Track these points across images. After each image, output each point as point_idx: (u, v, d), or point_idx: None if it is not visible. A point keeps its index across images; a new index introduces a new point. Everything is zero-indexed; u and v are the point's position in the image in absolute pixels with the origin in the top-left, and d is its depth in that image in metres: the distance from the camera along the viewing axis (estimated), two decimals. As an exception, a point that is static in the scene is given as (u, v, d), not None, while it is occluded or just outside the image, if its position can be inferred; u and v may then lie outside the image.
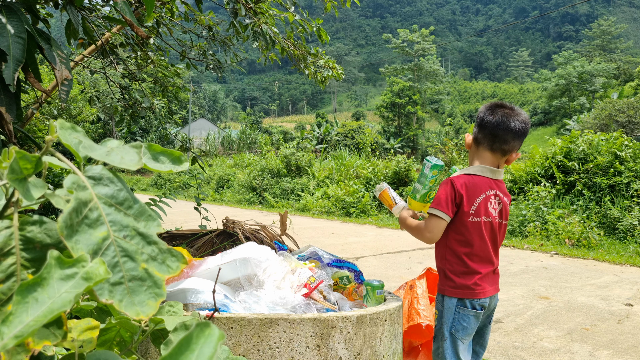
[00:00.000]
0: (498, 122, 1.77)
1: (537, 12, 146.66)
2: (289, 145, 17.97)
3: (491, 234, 1.82)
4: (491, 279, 1.86)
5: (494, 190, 1.81)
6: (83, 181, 0.48)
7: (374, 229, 9.27)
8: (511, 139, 1.77)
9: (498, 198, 1.83)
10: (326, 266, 2.06)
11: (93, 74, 4.10)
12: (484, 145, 1.82)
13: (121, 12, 1.62)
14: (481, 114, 1.84)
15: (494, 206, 1.81)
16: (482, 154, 1.83)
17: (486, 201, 1.79)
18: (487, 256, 1.81)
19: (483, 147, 1.82)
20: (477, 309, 1.80)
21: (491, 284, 1.85)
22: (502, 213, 1.86)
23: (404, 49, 48.54)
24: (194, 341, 0.40)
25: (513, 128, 1.76)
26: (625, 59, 64.93)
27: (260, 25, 2.88)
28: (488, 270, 1.82)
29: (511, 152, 1.81)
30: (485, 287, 1.81)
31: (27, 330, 0.38)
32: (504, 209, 1.85)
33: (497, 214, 1.82)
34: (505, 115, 1.78)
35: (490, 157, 1.82)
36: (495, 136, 1.78)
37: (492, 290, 1.85)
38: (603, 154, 8.37)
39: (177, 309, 0.83)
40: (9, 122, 1.42)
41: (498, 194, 1.82)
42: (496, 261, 1.87)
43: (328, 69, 3.61)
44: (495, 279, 1.89)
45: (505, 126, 1.76)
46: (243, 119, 57.12)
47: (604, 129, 20.75)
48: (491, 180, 1.82)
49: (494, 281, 1.88)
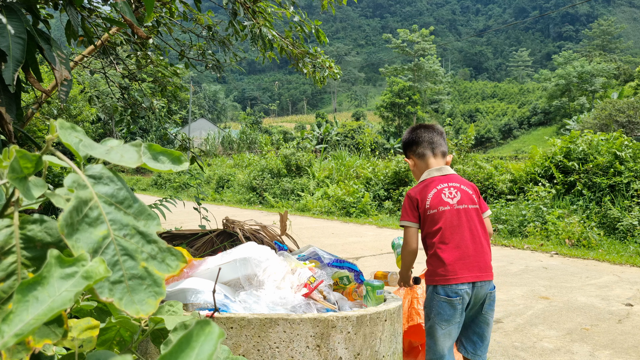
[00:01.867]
0: (430, 133, 2.15)
1: (537, 12, 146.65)
2: (289, 145, 17.97)
3: (457, 220, 1.96)
4: (469, 264, 1.92)
5: (445, 183, 2.03)
6: (83, 180, 0.48)
7: (374, 229, 9.27)
8: (443, 141, 2.16)
9: (453, 188, 2.03)
10: (326, 266, 2.07)
11: (93, 74, 4.10)
12: (427, 155, 2.13)
13: (121, 12, 1.62)
14: (412, 135, 2.19)
15: (449, 196, 2.00)
16: (428, 162, 2.12)
17: (439, 194, 2.01)
18: (457, 243, 1.94)
19: (427, 157, 2.13)
20: (450, 296, 1.90)
21: (469, 270, 1.92)
22: (465, 199, 2.01)
23: (404, 49, 48.56)
24: (194, 339, 0.40)
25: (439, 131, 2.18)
26: (625, 59, 64.99)
27: (259, 27, 2.88)
28: (457, 255, 1.93)
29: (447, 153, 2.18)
30: (458, 273, 1.91)
31: (27, 328, 0.39)
32: (464, 195, 2.02)
33: (457, 201, 1.99)
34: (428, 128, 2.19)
35: (434, 162, 2.12)
36: (432, 143, 2.13)
37: (471, 276, 1.91)
38: (603, 154, 8.37)
39: (177, 309, 0.83)
40: (9, 122, 1.42)
41: (451, 185, 2.03)
42: (473, 246, 1.95)
43: (325, 68, 3.61)
44: (476, 264, 1.93)
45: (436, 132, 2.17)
46: (243, 119, 57.11)
47: (604, 129, 20.75)
48: (439, 176, 2.06)
49: (474, 267, 1.93)
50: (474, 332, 2.02)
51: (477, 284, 1.92)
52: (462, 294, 1.90)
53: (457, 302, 1.91)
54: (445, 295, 1.91)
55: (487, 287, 1.96)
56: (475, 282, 1.92)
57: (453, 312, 1.92)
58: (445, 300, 1.91)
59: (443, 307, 1.92)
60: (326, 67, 3.62)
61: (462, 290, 1.90)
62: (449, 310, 1.92)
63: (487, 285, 1.96)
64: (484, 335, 2.01)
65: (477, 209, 2.03)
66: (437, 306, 1.94)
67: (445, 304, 1.91)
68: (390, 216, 11.09)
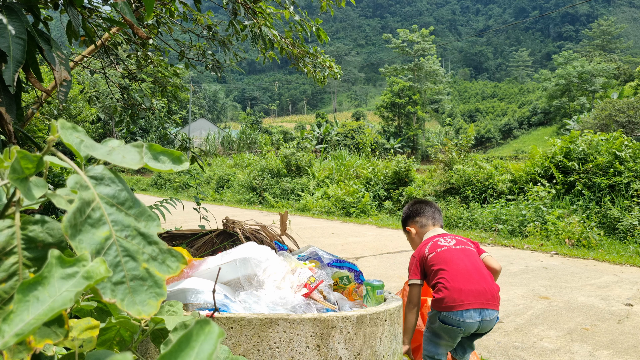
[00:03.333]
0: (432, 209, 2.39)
1: (537, 12, 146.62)
2: (289, 145, 17.96)
3: (457, 256, 2.08)
4: (474, 292, 1.98)
5: (441, 237, 2.22)
6: (85, 181, 0.48)
7: (374, 229, 9.27)
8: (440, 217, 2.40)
9: (449, 237, 2.21)
10: (326, 266, 2.07)
11: (93, 74, 4.10)
12: (428, 225, 2.34)
13: (121, 12, 1.62)
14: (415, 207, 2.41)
15: (443, 243, 2.16)
16: (427, 230, 2.32)
17: (436, 242, 2.17)
18: (460, 276, 2.01)
19: (428, 226, 2.33)
20: (453, 324, 1.96)
21: (475, 297, 1.97)
22: (461, 243, 2.17)
23: (404, 49, 48.54)
24: (194, 338, 0.40)
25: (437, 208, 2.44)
26: (625, 59, 64.99)
27: (259, 27, 2.88)
28: (462, 283, 1.99)
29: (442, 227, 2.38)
30: (464, 301, 1.96)
31: (28, 328, 0.39)
32: (460, 241, 2.18)
33: (453, 244, 2.15)
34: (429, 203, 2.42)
35: (432, 228, 2.33)
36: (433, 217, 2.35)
37: (476, 303, 1.95)
38: (603, 154, 8.37)
39: (177, 309, 0.83)
40: (9, 122, 1.42)
41: (446, 236, 2.23)
42: (477, 277, 2.01)
43: (325, 68, 3.60)
44: (482, 293, 1.98)
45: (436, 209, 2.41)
46: (243, 119, 57.12)
47: (604, 129, 20.76)
48: (436, 235, 2.25)
49: (480, 295, 1.98)
50: (469, 344, 2.13)
51: (485, 313, 1.96)
52: (464, 325, 1.95)
53: (458, 332, 1.98)
54: (449, 324, 1.98)
55: (495, 319, 2.01)
56: (482, 311, 1.96)
57: (453, 340, 2.02)
58: (447, 330, 1.99)
59: (446, 332, 2.01)
60: (327, 66, 3.62)
61: (467, 319, 1.94)
62: (448, 338, 2.02)
63: (494, 314, 2.00)
64: (473, 345, 2.15)
65: (474, 251, 2.16)
66: (439, 330, 2.03)
67: (448, 331, 2.00)
68: (390, 216, 11.09)
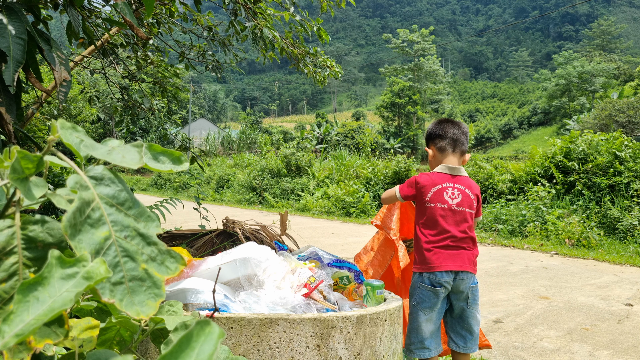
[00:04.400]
0: (456, 130, 2.22)
1: (537, 12, 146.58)
2: (289, 145, 17.97)
3: (451, 218, 2.10)
4: (453, 257, 2.06)
5: (452, 183, 2.14)
6: (85, 181, 0.48)
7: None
8: (465, 140, 2.25)
9: (457, 190, 2.14)
10: (326, 266, 2.07)
11: (93, 74, 4.10)
12: (447, 151, 2.21)
13: (121, 12, 1.62)
14: (438, 128, 2.26)
15: (450, 195, 2.12)
16: (447, 157, 2.21)
17: (441, 191, 2.13)
18: (446, 237, 2.08)
19: (447, 152, 2.21)
20: (434, 285, 2.05)
21: (453, 261, 2.06)
22: (464, 203, 2.13)
23: (403, 49, 48.51)
24: (194, 339, 0.40)
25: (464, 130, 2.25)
26: (625, 59, 64.95)
27: (260, 28, 2.88)
28: (443, 247, 2.07)
29: (466, 151, 2.26)
30: (442, 262, 2.05)
31: (28, 328, 0.39)
32: (465, 199, 2.13)
33: (456, 203, 2.12)
34: (455, 125, 2.25)
35: (452, 159, 2.20)
36: (456, 140, 2.21)
37: (453, 265, 2.04)
38: (603, 154, 8.37)
39: (176, 309, 0.83)
40: (9, 122, 1.42)
41: (456, 187, 2.14)
42: (460, 243, 2.09)
43: (326, 67, 3.60)
44: (459, 258, 2.07)
45: (461, 131, 2.24)
46: (243, 119, 57.12)
47: (604, 129, 20.75)
48: (449, 175, 2.16)
49: (458, 260, 2.07)
50: (462, 327, 2.12)
51: (459, 275, 2.05)
52: (444, 284, 2.05)
53: (440, 292, 2.06)
54: (429, 285, 2.06)
55: (469, 281, 2.07)
56: (457, 273, 2.05)
57: (436, 301, 2.07)
58: (429, 290, 2.07)
59: (426, 295, 2.08)
60: (327, 66, 3.62)
61: (444, 279, 2.04)
62: (432, 299, 2.07)
63: (469, 278, 2.07)
64: (472, 329, 2.12)
65: (472, 213, 2.15)
66: (420, 294, 2.09)
67: (429, 293, 2.07)
68: (390, 216, 11.08)
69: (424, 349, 2.10)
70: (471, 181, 2.21)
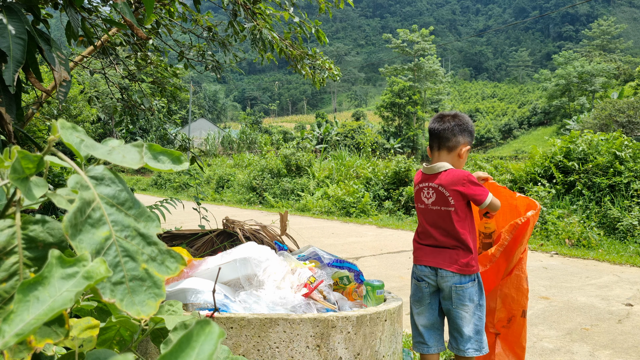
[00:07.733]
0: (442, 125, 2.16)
1: (537, 12, 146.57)
2: (289, 145, 17.96)
3: (429, 219, 2.13)
4: (433, 254, 2.11)
5: (426, 182, 2.15)
6: (86, 181, 0.48)
7: (374, 229, 9.27)
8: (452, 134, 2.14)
9: (431, 189, 2.13)
10: (326, 266, 2.07)
11: (93, 74, 4.10)
12: (432, 148, 2.21)
13: (121, 12, 1.62)
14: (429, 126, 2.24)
15: (426, 195, 2.15)
16: (432, 154, 2.22)
17: (419, 192, 2.18)
18: (427, 235, 2.14)
19: (432, 149, 2.21)
20: (417, 279, 2.15)
21: (433, 257, 2.11)
22: (439, 201, 2.10)
23: (403, 49, 48.53)
24: (194, 338, 0.40)
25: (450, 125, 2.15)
26: (625, 59, 64.96)
27: (260, 29, 2.88)
28: (426, 243, 2.14)
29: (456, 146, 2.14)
30: (422, 257, 2.14)
31: (28, 328, 0.39)
32: (439, 197, 2.10)
33: (431, 202, 2.13)
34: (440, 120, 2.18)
35: (435, 156, 2.19)
36: (435, 136, 2.17)
37: (432, 261, 2.10)
38: (603, 154, 8.37)
39: (176, 309, 0.83)
40: (9, 122, 1.42)
41: (430, 185, 2.13)
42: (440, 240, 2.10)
43: (325, 69, 3.60)
44: (440, 255, 2.10)
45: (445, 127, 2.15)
46: (243, 119, 57.13)
47: (604, 129, 20.76)
48: (424, 175, 2.17)
49: (438, 257, 2.10)
50: (452, 327, 2.13)
51: (439, 272, 2.08)
52: (424, 278, 2.12)
53: (423, 286, 2.13)
54: (415, 278, 2.17)
55: (450, 280, 2.06)
56: (437, 270, 2.08)
57: (421, 295, 2.14)
58: (415, 283, 2.17)
59: (414, 289, 2.18)
60: (326, 68, 3.61)
61: (422, 272, 2.12)
62: (418, 292, 2.15)
63: (449, 277, 2.06)
64: (460, 330, 2.07)
65: (450, 211, 2.07)
66: (411, 287, 2.21)
67: (414, 286, 2.18)
68: (390, 216, 11.09)
69: (422, 344, 2.13)
70: (453, 176, 2.07)
